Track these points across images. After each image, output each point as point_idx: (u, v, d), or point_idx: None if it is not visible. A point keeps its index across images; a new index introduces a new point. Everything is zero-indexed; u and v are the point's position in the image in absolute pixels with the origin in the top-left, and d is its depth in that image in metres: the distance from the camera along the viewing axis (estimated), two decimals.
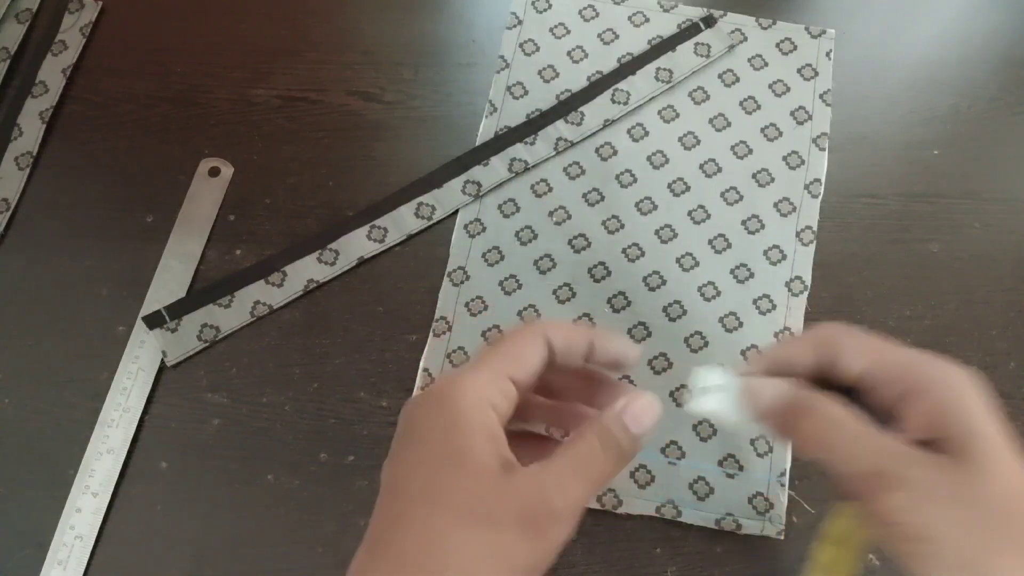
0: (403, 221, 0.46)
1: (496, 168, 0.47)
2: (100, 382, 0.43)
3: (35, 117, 0.47)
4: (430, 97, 0.49)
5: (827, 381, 0.29)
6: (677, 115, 0.49)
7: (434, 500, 0.25)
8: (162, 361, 0.43)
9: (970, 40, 0.52)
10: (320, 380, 0.44)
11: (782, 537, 0.41)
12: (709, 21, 0.50)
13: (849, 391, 0.28)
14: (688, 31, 0.50)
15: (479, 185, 0.47)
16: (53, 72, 0.48)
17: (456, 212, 0.47)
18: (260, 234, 0.46)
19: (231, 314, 0.44)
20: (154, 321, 0.44)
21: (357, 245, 0.46)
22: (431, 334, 0.44)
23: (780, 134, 0.48)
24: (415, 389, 0.43)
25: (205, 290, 0.45)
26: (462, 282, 0.45)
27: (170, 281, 0.45)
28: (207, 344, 0.44)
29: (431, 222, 0.46)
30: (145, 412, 0.43)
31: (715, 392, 0.29)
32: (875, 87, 0.50)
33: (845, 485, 0.26)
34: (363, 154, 0.48)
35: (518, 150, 0.48)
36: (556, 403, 0.32)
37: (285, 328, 0.44)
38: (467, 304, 0.45)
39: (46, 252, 0.45)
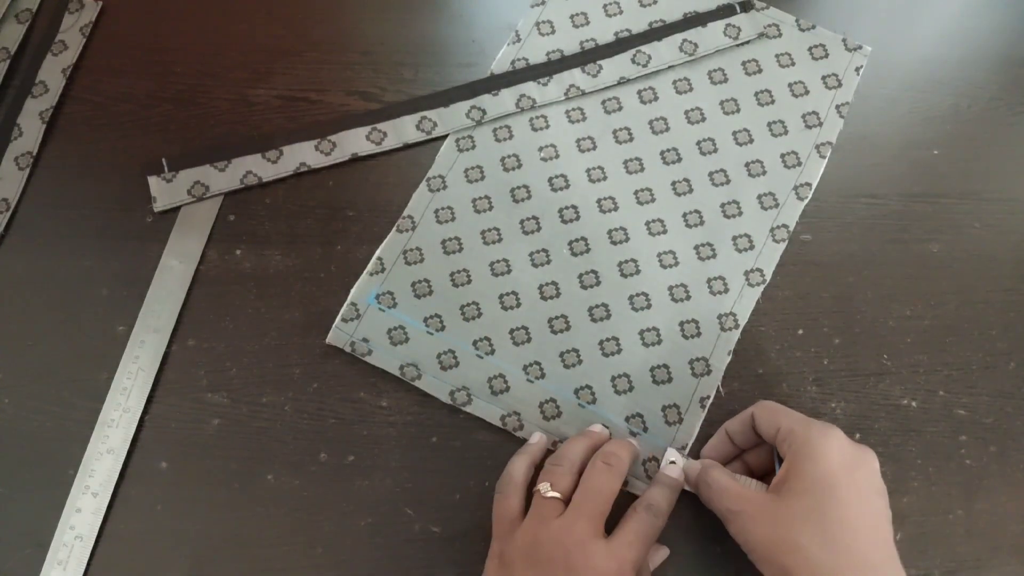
0: (404, 130, 0.48)
1: (504, 100, 0.48)
2: (100, 382, 0.43)
3: (35, 117, 0.47)
4: None
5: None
6: (691, 88, 0.50)
7: None
8: (162, 361, 0.43)
9: (970, 40, 0.52)
10: (320, 380, 0.44)
11: None
12: (746, 6, 0.51)
13: None
14: (722, 10, 0.51)
15: (483, 112, 0.48)
16: (53, 72, 0.48)
17: None
18: (260, 234, 0.46)
19: (223, 177, 0.46)
20: (152, 168, 0.46)
21: (355, 142, 0.47)
22: (394, 229, 0.46)
23: (785, 132, 0.49)
24: (363, 273, 0.45)
25: (204, 151, 0.47)
26: (438, 189, 0.47)
27: (170, 281, 0.45)
28: (194, 199, 0.46)
29: (429, 136, 0.48)
30: (145, 412, 0.43)
31: (674, 464, 0.41)
32: (875, 87, 0.50)
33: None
34: None
35: (530, 88, 0.49)
36: None
37: (285, 328, 0.44)
38: (436, 211, 0.46)
39: (46, 252, 0.45)
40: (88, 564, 0.40)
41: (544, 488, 0.38)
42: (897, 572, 0.35)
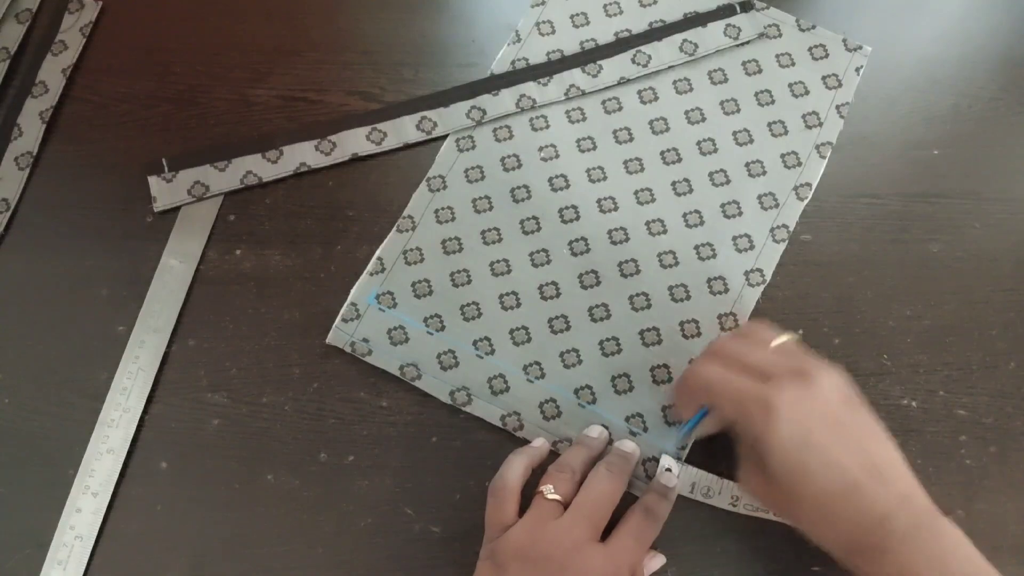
0: (403, 130, 0.48)
1: (504, 100, 0.48)
2: (100, 382, 0.43)
3: (35, 117, 0.47)
4: None
5: None
6: (691, 89, 0.49)
7: None
8: (162, 361, 0.43)
9: (970, 40, 0.52)
10: (320, 380, 0.44)
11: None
12: (746, 6, 0.51)
13: None
14: (722, 11, 0.51)
15: (484, 112, 0.48)
16: (53, 72, 0.48)
17: None
18: (260, 234, 0.46)
19: (223, 177, 0.46)
20: (152, 168, 0.46)
21: (355, 142, 0.47)
22: (395, 229, 0.46)
23: (785, 132, 0.49)
24: (363, 273, 0.45)
25: (204, 151, 0.47)
26: (438, 190, 0.47)
27: (170, 281, 0.45)
28: (194, 199, 0.46)
29: (429, 136, 0.48)
30: (145, 412, 0.43)
31: (670, 472, 0.41)
32: (875, 87, 0.50)
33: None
34: None
35: (530, 88, 0.49)
36: None
37: (285, 328, 0.44)
38: (436, 211, 0.46)
39: (46, 252, 0.45)
40: (88, 564, 0.40)
41: (547, 490, 0.38)
42: (879, 488, 0.34)
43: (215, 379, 0.44)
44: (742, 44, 0.50)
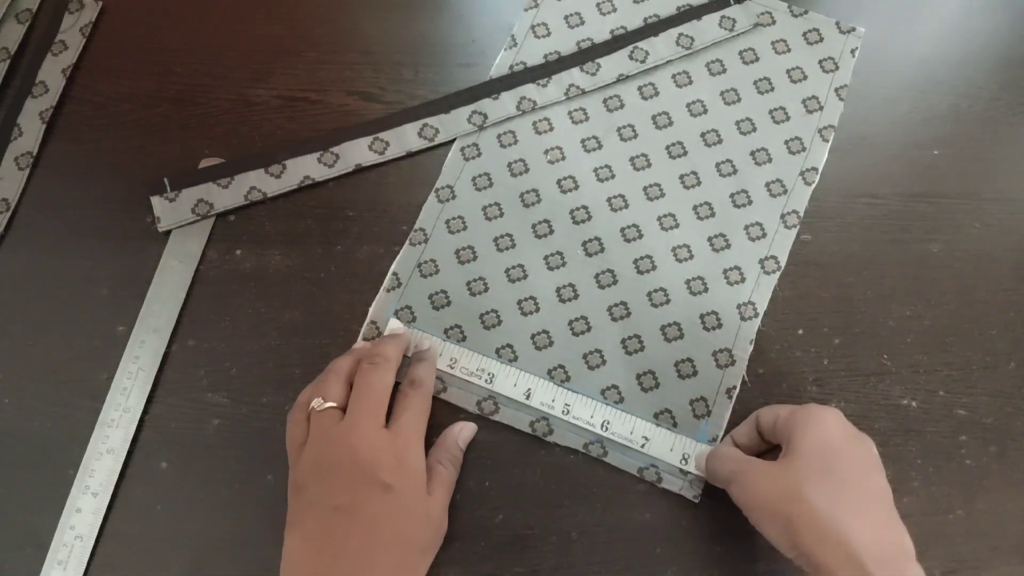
0: (406, 138, 0.48)
1: (505, 103, 0.48)
2: (100, 382, 0.43)
3: (35, 117, 0.47)
4: (430, 97, 0.49)
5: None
6: (690, 81, 0.50)
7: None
8: (162, 361, 0.43)
9: (970, 40, 0.52)
10: None
11: (698, 501, 0.42)
12: None
13: None
14: (716, 3, 0.51)
15: (485, 116, 0.48)
16: (53, 72, 0.48)
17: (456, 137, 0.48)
18: (260, 234, 0.46)
19: (227, 194, 0.46)
20: (154, 188, 0.46)
21: (358, 152, 0.47)
22: (407, 242, 0.46)
23: (788, 118, 0.49)
24: (380, 290, 0.45)
25: (207, 169, 0.46)
26: (447, 200, 0.47)
27: (170, 281, 0.45)
28: (199, 218, 0.45)
29: (432, 144, 0.48)
30: (145, 412, 0.43)
31: (401, 326, 0.44)
32: (875, 87, 0.50)
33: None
34: None
35: (529, 90, 0.49)
36: None
37: (285, 328, 0.44)
38: (447, 222, 0.46)
39: (46, 252, 0.45)
40: (88, 564, 0.40)
41: (317, 403, 0.38)
42: (904, 535, 0.36)
43: (215, 379, 0.44)
44: (738, 35, 0.50)
